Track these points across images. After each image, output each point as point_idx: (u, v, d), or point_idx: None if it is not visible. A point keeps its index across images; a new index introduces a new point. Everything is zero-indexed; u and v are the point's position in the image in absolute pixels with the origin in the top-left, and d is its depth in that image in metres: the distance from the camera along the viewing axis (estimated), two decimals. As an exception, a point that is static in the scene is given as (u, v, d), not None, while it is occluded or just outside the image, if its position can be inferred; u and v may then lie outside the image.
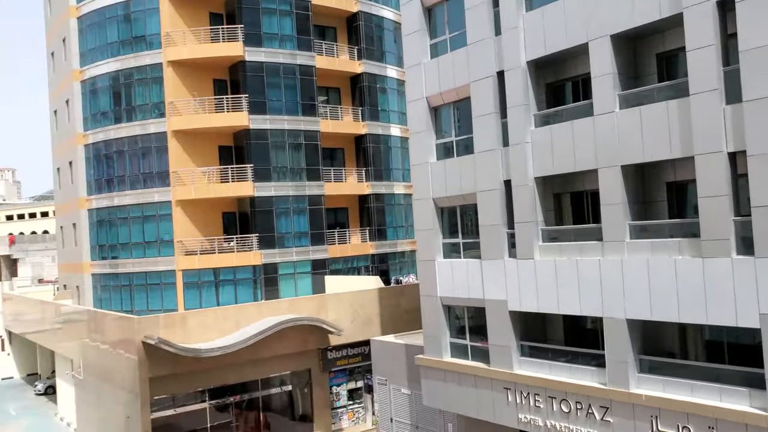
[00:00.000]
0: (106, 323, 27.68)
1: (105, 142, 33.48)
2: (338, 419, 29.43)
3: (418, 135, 20.67)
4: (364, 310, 29.28)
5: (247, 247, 31.81)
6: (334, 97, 36.26)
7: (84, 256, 34.93)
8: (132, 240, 32.73)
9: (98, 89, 33.86)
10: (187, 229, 31.70)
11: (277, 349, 26.79)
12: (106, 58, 33.28)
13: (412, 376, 22.79)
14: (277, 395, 28.86)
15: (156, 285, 31.76)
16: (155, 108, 32.11)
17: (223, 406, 27.11)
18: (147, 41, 32.33)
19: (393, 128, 37.24)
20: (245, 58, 31.89)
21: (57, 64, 38.55)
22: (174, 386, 25.33)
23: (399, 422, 24.25)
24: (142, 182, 32.38)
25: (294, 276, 32.80)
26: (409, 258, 37.51)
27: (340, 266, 34.43)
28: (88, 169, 34.69)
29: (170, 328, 24.76)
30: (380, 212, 36.37)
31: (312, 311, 28.01)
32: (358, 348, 29.23)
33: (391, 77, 37.43)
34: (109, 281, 33.57)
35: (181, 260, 31.31)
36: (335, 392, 29.44)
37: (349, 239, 35.42)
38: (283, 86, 33.08)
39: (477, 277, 18.74)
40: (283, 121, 32.77)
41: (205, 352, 24.42)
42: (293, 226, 32.96)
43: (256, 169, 31.94)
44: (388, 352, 24.68)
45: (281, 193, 32.54)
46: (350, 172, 36.00)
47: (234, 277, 31.58)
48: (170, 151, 31.67)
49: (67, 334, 32.65)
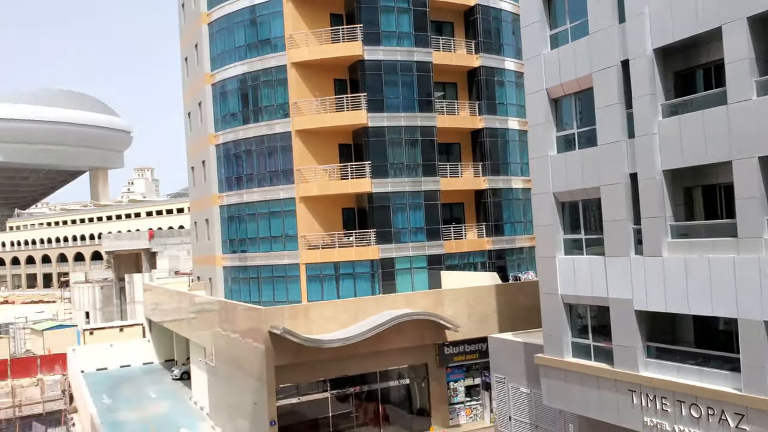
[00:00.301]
0: (235, 313, 29.25)
1: (234, 142, 35.30)
2: (456, 415, 29.44)
3: (538, 127, 20.26)
4: (480, 307, 29.09)
5: (366, 242, 32.48)
6: (450, 92, 36.19)
7: (216, 249, 36.99)
8: (259, 235, 34.33)
9: (227, 92, 35.75)
10: (310, 225, 32.83)
11: (395, 342, 27.18)
12: (234, 62, 35.05)
13: (531, 375, 22.40)
14: (395, 388, 29.30)
15: (281, 278, 33.15)
16: (280, 108, 33.47)
17: (343, 397, 27.90)
18: (272, 44, 33.74)
19: (511, 121, 36.66)
20: (364, 57, 32.53)
21: (190, 69, 41.04)
22: (298, 375, 26.37)
23: (518, 421, 23.93)
24: (269, 180, 33.86)
25: (410, 271, 33.12)
26: (527, 254, 36.80)
27: (456, 262, 34.37)
28: (219, 168, 36.70)
29: (294, 319, 25.79)
30: (497, 207, 35.93)
31: (428, 306, 28.17)
32: (476, 345, 29.08)
33: (509, 70, 36.84)
34: (238, 274, 35.41)
35: (304, 254, 32.47)
36: (452, 388, 29.47)
37: (465, 235, 35.24)
38: (401, 83, 33.43)
39: (600, 275, 18.13)
40: (400, 117, 33.13)
41: (327, 343, 25.23)
42: (409, 222, 33.28)
43: (373, 166, 32.52)
44: (506, 349, 24.40)
45: (398, 189, 32.94)
46: (466, 166, 35.80)
47: (353, 270, 32.35)
48: (294, 150, 32.91)
49: (200, 323, 34.80)
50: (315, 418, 27.36)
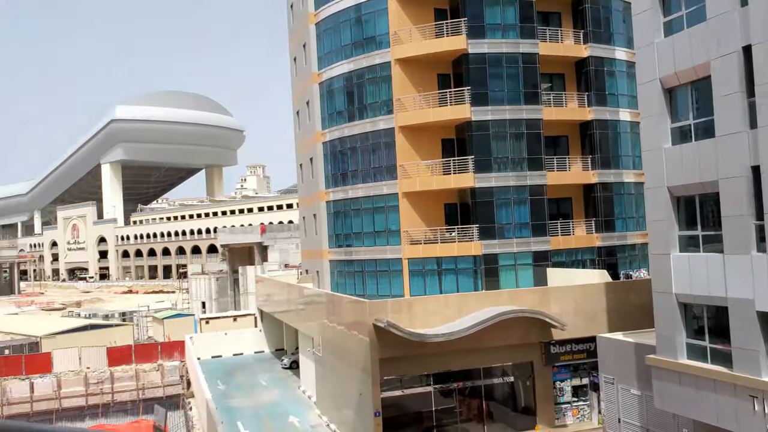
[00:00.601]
0: (341, 306, 29.93)
1: (340, 140, 36.08)
2: (562, 415, 28.73)
3: (651, 119, 19.38)
4: (589, 305, 28.21)
5: (468, 237, 32.27)
6: (558, 84, 35.25)
7: (323, 244, 38.00)
8: (363, 230, 34.92)
9: (334, 90, 36.56)
10: (412, 220, 33.03)
11: (499, 339, 26.88)
12: (341, 60, 35.78)
13: (643, 377, 21.50)
14: (500, 385, 28.99)
15: (384, 272, 33.58)
16: (384, 105, 33.86)
17: (446, 392, 27.92)
18: (376, 41, 34.17)
19: (622, 113, 35.23)
20: (468, 51, 32.29)
21: (299, 69, 42.29)
22: (401, 368, 26.65)
23: (627, 423, 23.05)
24: (372, 176, 34.35)
25: (514, 267, 32.60)
26: (640, 251, 35.28)
27: (563, 258, 33.47)
28: (326, 165, 37.63)
29: (397, 312, 26.07)
30: (608, 202, 34.66)
31: (533, 303, 27.64)
32: (583, 344, 28.24)
33: (620, 59, 35.40)
34: (344, 267, 36.20)
35: (407, 249, 32.72)
36: (559, 387, 28.78)
37: (573, 231, 34.23)
38: (506, 76, 32.93)
39: (719, 274, 17.13)
40: (505, 111, 32.64)
41: (430, 338, 25.33)
42: (514, 217, 32.73)
43: (477, 161, 32.24)
44: (616, 350, 23.56)
45: (502, 184, 32.48)
46: (574, 160, 34.76)
47: (455, 266, 32.26)
48: (397, 146, 33.20)
49: (308, 315, 35.87)
50: (418, 412, 27.55)
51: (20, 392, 44.25)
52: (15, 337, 54.22)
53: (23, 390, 44.36)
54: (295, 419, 32.84)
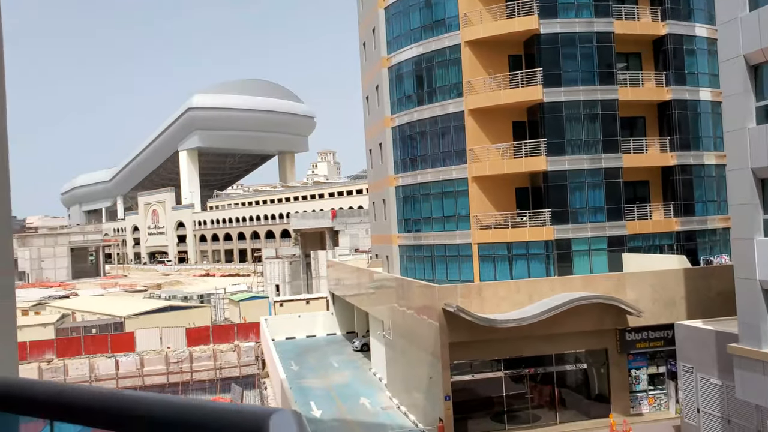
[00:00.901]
0: (411, 290, 30.10)
1: (409, 124, 36.07)
2: (637, 403, 28.07)
3: (734, 98, 18.51)
4: (666, 292, 27.35)
5: (540, 222, 31.76)
6: (634, 63, 34.04)
7: (392, 228, 38.21)
8: (433, 214, 34.90)
9: (403, 74, 36.53)
10: (482, 205, 32.75)
11: (571, 325, 26.44)
12: (410, 44, 35.67)
13: (724, 366, 20.73)
14: (572, 372, 28.54)
15: (454, 257, 33.50)
16: (453, 89, 33.59)
17: (517, 377, 27.72)
18: (446, 24, 33.87)
19: (702, 92, 33.72)
20: (540, 31, 31.60)
21: (368, 54, 42.43)
22: (471, 353, 26.63)
23: (707, 413, 22.31)
24: (442, 160, 34.22)
25: (588, 253, 31.88)
26: (721, 236, 33.85)
27: (639, 244, 32.49)
28: (395, 150, 37.72)
29: (467, 297, 26.01)
30: (687, 185, 33.35)
31: (608, 290, 27.02)
32: (660, 331, 27.44)
33: (701, 36, 33.83)
34: (413, 252, 36.33)
35: (477, 234, 32.50)
36: (634, 375, 28.10)
37: (651, 215, 33.13)
38: (579, 56, 32.07)
39: (807, 259, 16.28)
40: (579, 92, 31.82)
41: (500, 323, 25.17)
42: (588, 201, 31.97)
43: (549, 143, 31.61)
44: (695, 337, 22.80)
45: (575, 167, 31.75)
46: (652, 141, 33.57)
47: (526, 251, 31.83)
48: (467, 130, 32.92)
49: (378, 299, 36.25)
50: (489, 397, 27.48)
51: (107, 369, 46.68)
52: (101, 317, 57.11)
53: (109, 367, 46.78)
54: (366, 401, 33.35)
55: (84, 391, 1.34)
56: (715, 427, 22.07)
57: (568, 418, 27.67)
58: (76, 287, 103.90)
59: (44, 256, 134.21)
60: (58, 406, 1.35)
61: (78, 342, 48.94)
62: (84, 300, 74.66)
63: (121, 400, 1.26)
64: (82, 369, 46.21)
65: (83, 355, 47.82)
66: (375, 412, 31.60)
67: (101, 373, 46.49)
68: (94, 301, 71.08)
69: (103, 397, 1.30)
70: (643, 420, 27.48)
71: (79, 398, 1.33)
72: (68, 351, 48.03)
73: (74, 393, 1.34)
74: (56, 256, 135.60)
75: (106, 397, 1.29)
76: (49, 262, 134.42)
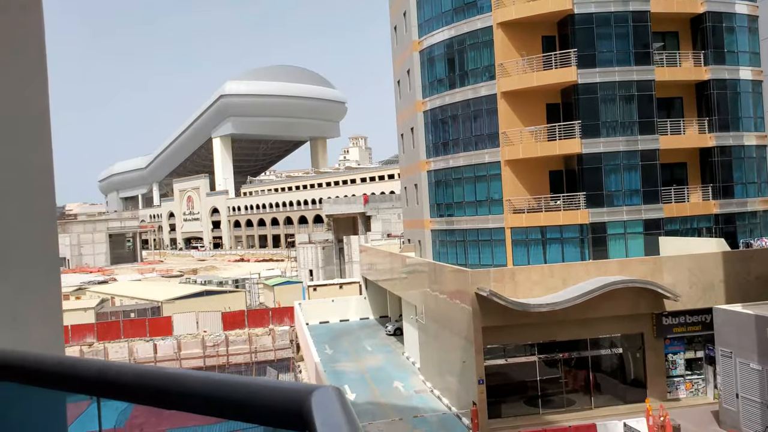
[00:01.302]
0: (443, 275, 30.08)
1: (441, 108, 35.86)
2: (674, 389, 27.71)
3: (775, 77, 17.99)
4: (705, 276, 26.86)
5: (574, 205, 31.39)
6: (671, 42, 33.28)
7: (424, 213, 38.15)
8: (465, 199, 34.74)
9: (434, 57, 36.27)
10: (515, 188, 32.49)
11: (606, 310, 26.16)
12: (441, 27, 35.38)
13: (764, 350, 20.35)
14: (607, 357, 28.28)
15: (487, 241, 33.34)
16: (485, 71, 33.27)
17: (551, 362, 27.57)
18: (478, 6, 33.50)
19: (743, 71, 32.82)
20: (574, 11, 31.07)
21: (399, 37, 42.22)
22: (504, 337, 26.55)
23: (746, 399, 21.94)
24: (474, 144, 33.99)
25: (624, 236, 31.45)
26: (761, 219, 33.08)
27: (676, 227, 31.92)
28: (427, 134, 37.57)
29: (500, 282, 25.90)
30: (726, 167, 32.59)
31: (644, 274, 26.64)
32: (698, 316, 26.99)
33: (741, 14, 32.88)
34: (445, 237, 36.25)
35: (510, 218, 32.28)
36: (671, 360, 27.72)
37: (688, 197, 32.51)
38: (614, 36, 31.46)
39: None
40: (614, 72, 31.24)
41: (534, 307, 25.03)
42: (623, 184, 31.48)
43: (583, 125, 31.15)
44: (734, 322, 22.39)
45: (611, 149, 31.25)
46: (690, 122, 32.85)
47: (560, 235, 31.52)
48: (499, 113, 32.61)
49: (411, 283, 36.31)
50: (523, 381, 27.40)
51: (145, 352, 47.74)
52: (139, 302, 58.33)
53: (148, 350, 47.82)
54: (400, 384, 33.53)
55: (129, 369, 1.38)
56: (755, 412, 21.69)
57: (603, 402, 27.46)
58: (114, 273, 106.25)
59: (83, 243, 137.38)
60: (105, 383, 1.39)
61: (117, 326, 50.11)
62: (122, 285, 76.34)
63: (165, 377, 1.30)
64: (121, 352, 47.34)
65: (122, 338, 48.98)
66: (408, 396, 31.77)
67: (140, 356, 47.56)
68: (132, 286, 72.62)
69: (147, 374, 1.33)
70: (681, 405, 27.11)
71: (125, 376, 1.36)
72: (108, 335, 49.23)
73: (120, 370, 1.38)
74: (95, 242, 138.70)
75: (150, 374, 1.32)
76: (88, 248, 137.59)
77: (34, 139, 2.33)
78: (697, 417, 25.37)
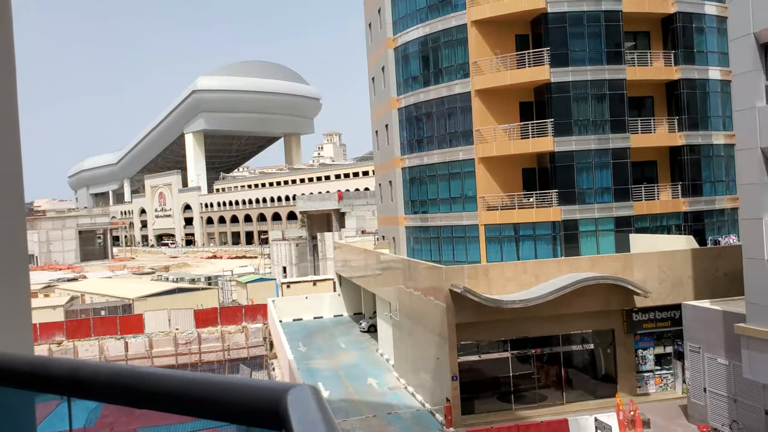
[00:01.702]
0: (417, 271, 30.16)
1: (415, 105, 35.90)
2: (644, 383, 28.17)
3: (743, 76, 18.33)
4: (674, 272, 27.32)
5: (547, 203, 31.69)
6: (642, 42, 33.72)
7: (399, 210, 38.19)
8: (439, 196, 34.85)
9: (409, 55, 36.29)
10: (489, 186, 32.68)
11: (578, 306, 26.48)
12: (416, 24, 35.40)
13: (731, 346, 20.76)
14: (579, 352, 28.62)
15: (461, 238, 33.49)
16: (460, 69, 33.37)
17: (524, 358, 27.83)
18: (452, 3, 33.57)
19: (711, 71, 33.40)
20: (547, 10, 31.30)
21: (374, 35, 42.15)
22: (478, 333, 26.73)
23: (713, 393, 22.37)
24: (448, 142, 34.09)
25: (595, 233, 31.83)
26: (729, 216, 33.72)
27: (647, 224, 32.41)
28: (401, 131, 37.58)
29: (474, 278, 26.05)
30: (695, 165, 33.17)
31: (615, 270, 27.01)
32: (667, 312, 27.46)
33: (710, 14, 33.44)
34: (420, 233, 36.34)
35: (484, 215, 32.47)
36: (641, 356, 28.18)
37: (658, 195, 33.01)
38: (587, 35, 31.77)
39: (816, 239, 16.20)
40: (586, 71, 31.57)
41: (507, 304, 25.23)
42: (595, 182, 31.86)
43: (556, 124, 31.44)
44: (702, 318, 22.81)
45: (582, 147, 31.60)
46: (660, 121, 33.35)
47: (533, 232, 31.80)
48: (473, 110, 32.75)
49: (385, 280, 36.36)
50: (496, 377, 27.62)
51: (116, 350, 47.12)
52: (110, 300, 57.52)
53: (119, 348, 47.21)
54: (374, 381, 33.58)
55: (100, 368, 1.35)
56: (722, 406, 22.14)
57: (575, 398, 27.82)
58: (84, 270, 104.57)
59: (52, 239, 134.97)
60: (75, 382, 1.36)
61: (87, 324, 49.36)
62: (92, 282, 75.19)
63: (137, 376, 1.27)
64: (91, 350, 46.66)
65: (93, 336, 48.28)
66: (382, 393, 31.83)
67: (111, 354, 46.93)
68: (103, 284, 71.56)
69: (119, 373, 1.31)
70: (650, 399, 27.60)
71: (96, 374, 1.33)
72: (78, 333, 48.47)
73: (90, 369, 1.35)
74: (64, 239, 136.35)
75: (122, 373, 1.30)
76: (57, 245, 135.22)
77: (1, 135, 2.27)
78: (666, 411, 25.83)
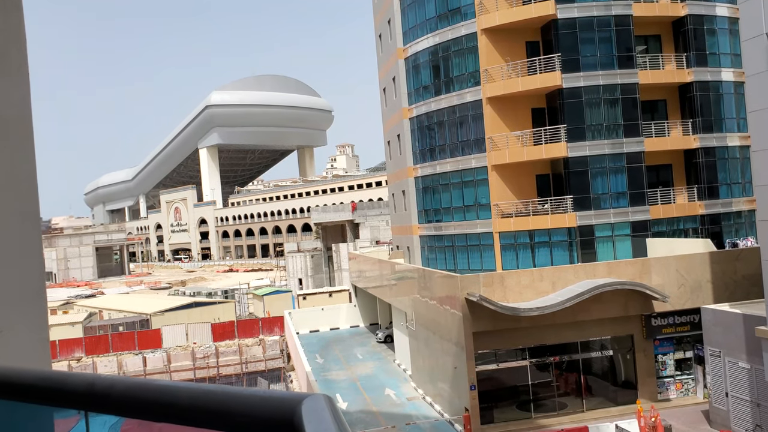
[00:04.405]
0: (432, 280, 30.08)
1: (427, 114, 35.96)
2: (665, 389, 27.84)
3: (757, 77, 18.19)
4: (692, 276, 27.04)
5: (562, 209, 31.54)
6: (653, 46, 33.59)
7: (413, 219, 38.18)
8: (453, 204, 34.81)
9: (420, 64, 36.39)
10: (503, 193, 32.60)
11: (596, 312, 26.26)
12: (426, 34, 35.52)
13: (752, 349, 20.49)
14: (598, 359, 28.35)
15: (475, 246, 33.40)
16: (471, 77, 33.41)
17: (543, 366, 27.60)
18: (461, 12, 33.66)
19: (725, 73, 33.18)
20: (557, 16, 31.29)
21: (384, 45, 42.34)
22: (495, 342, 26.57)
23: (735, 397, 22.06)
24: (460, 150, 34.08)
25: (612, 238, 31.62)
26: (746, 219, 33.37)
27: (663, 228, 32.15)
28: (414, 141, 37.64)
29: (489, 286, 25.93)
30: (711, 168, 32.89)
31: (632, 275, 26.78)
32: (687, 316, 27.16)
33: (722, 16, 33.26)
34: (434, 242, 36.28)
35: (498, 222, 32.37)
36: (661, 361, 27.86)
37: (674, 199, 32.76)
38: (598, 40, 31.72)
39: (836, 239, 15.99)
40: (598, 76, 31.48)
41: (524, 311, 25.07)
42: (610, 186, 31.68)
43: (569, 129, 31.34)
44: (722, 321, 22.53)
45: (596, 152, 31.45)
46: (674, 124, 33.15)
47: (549, 239, 31.64)
48: (485, 118, 32.74)
49: (400, 290, 36.28)
50: (515, 386, 27.41)
51: (135, 366, 47.35)
52: (127, 315, 57.87)
53: (137, 364, 47.44)
54: (391, 392, 33.45)
55: (117, 382, 1.36)
56: (745, 411, 21.83)
57: (595, 405, 27.53)
58: (101, 286, 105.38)
59: (70, 256, 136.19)
60: (93, 397, 1.37)
61: (106, 340, 49.68)
62: (110, 298, 75.72)
63: (153, 389, 1.28)
64: (110, 366, 46.92)
65: (111, 352, 48.57)
66: (400, 403, 31.69)
67: (129, 369, 47.15)
68: (120, 300, 72.05)
69: (136, 387, 1.32)
70: (671, 405, 27.24)
71: (113, 389, 1.35)
72: (96, 349, 48.80)
73: (107, 384, 1.36)
74: (81, 256, 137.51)
75: (139, 387, 1.31)
76: (74, 261, 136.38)
77: (18, 153, 2.31)
78: (688, 417, 25.49)
